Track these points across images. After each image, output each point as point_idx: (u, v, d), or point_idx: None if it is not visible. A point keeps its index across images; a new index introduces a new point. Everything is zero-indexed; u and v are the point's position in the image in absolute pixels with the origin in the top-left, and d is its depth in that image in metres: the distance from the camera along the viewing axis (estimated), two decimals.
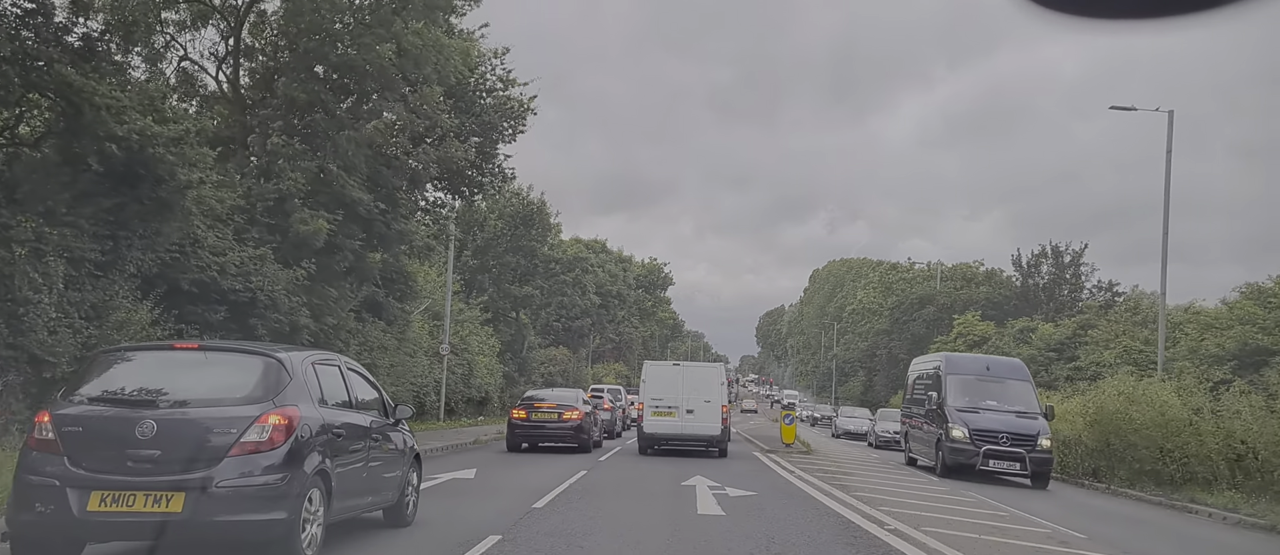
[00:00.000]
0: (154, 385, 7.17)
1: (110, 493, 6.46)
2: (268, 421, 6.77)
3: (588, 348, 72.56)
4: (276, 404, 6.93)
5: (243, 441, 6.66)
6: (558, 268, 50.48)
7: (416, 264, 34.33)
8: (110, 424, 6.76)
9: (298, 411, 7.02)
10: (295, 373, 7.34)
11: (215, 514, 6.49)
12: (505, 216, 45.21)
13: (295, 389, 7.20)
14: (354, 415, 8.27)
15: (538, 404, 22.02)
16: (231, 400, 6.99)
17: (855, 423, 45.74)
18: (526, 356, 51.17)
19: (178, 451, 6.56)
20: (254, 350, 7.94)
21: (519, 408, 22.15)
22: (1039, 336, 44.49)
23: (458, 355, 36.84)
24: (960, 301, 62.27)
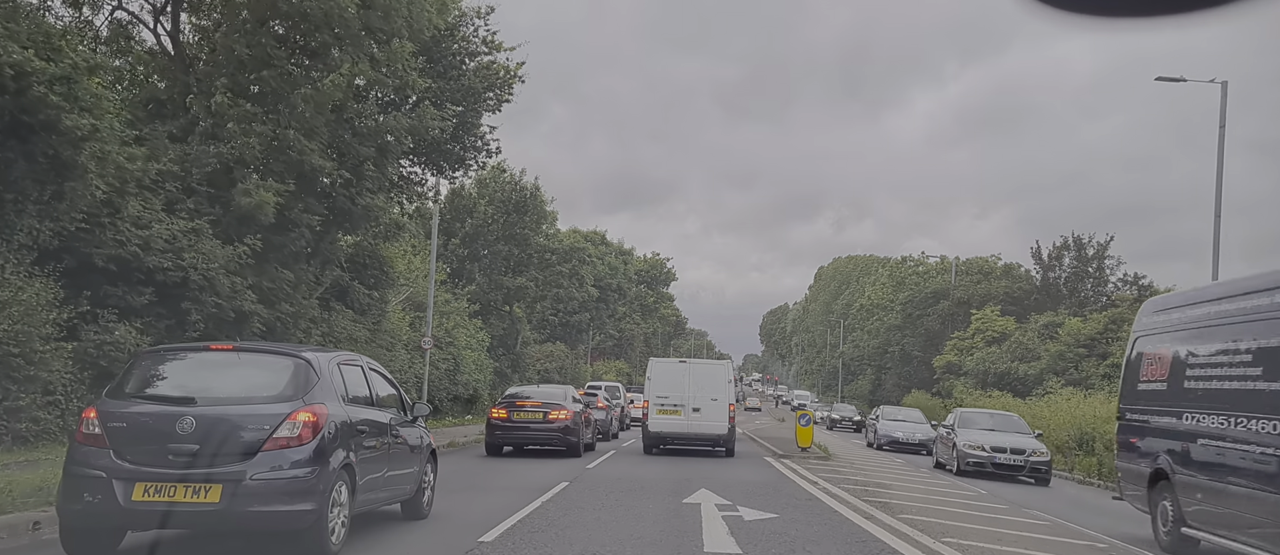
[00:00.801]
0: (192, 384, 7.67)
1: (153, 484, 6.85)
2: (298, 419, 7.15)
3: (587, 344, 69.75)
4: (305, 402, 7.30)
5: (275, 437, 7.05)
6: (554, 259, 47.70)
7: (395, 249, 31.58)
8: (153, 420, 7.18)
9: (325, 409, 7.38)
10: (322, 372, 7.72)
11: (250, 505, 6.86)
12: (495, 202, 42.36)
13: (322, 388, 7.58)
14: (375, 413, 8.63)
15: (521, 402, 19.26)
16: (264, 398, 7.41)
17: (906, 429, 33.02)
18: (520, 352, 48.38)
19: (215, 446, 6.92)
20: (284, 351, 8.44)
21: (499, 406, 19.41)
22: (1067, 332, 41.59)
23: (441, 349, 34.05)
24: (977, 296, 59.34)
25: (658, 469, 17.60)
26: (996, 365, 45.55)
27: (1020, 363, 43.79)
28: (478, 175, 43.06)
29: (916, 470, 22.00)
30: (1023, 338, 45.55)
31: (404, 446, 9.24)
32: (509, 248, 44.25)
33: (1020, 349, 44.75)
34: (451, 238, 41.52)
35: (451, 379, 35.21)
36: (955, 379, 52.40)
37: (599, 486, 13.57)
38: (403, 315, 32.81)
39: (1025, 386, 41.31)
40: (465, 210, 41.84)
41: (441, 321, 34.71)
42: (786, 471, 18.11)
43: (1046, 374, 40.46)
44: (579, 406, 20.16)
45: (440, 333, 34.34)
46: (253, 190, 17.87)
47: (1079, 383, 37.08)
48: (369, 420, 8.28)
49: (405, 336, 31.55)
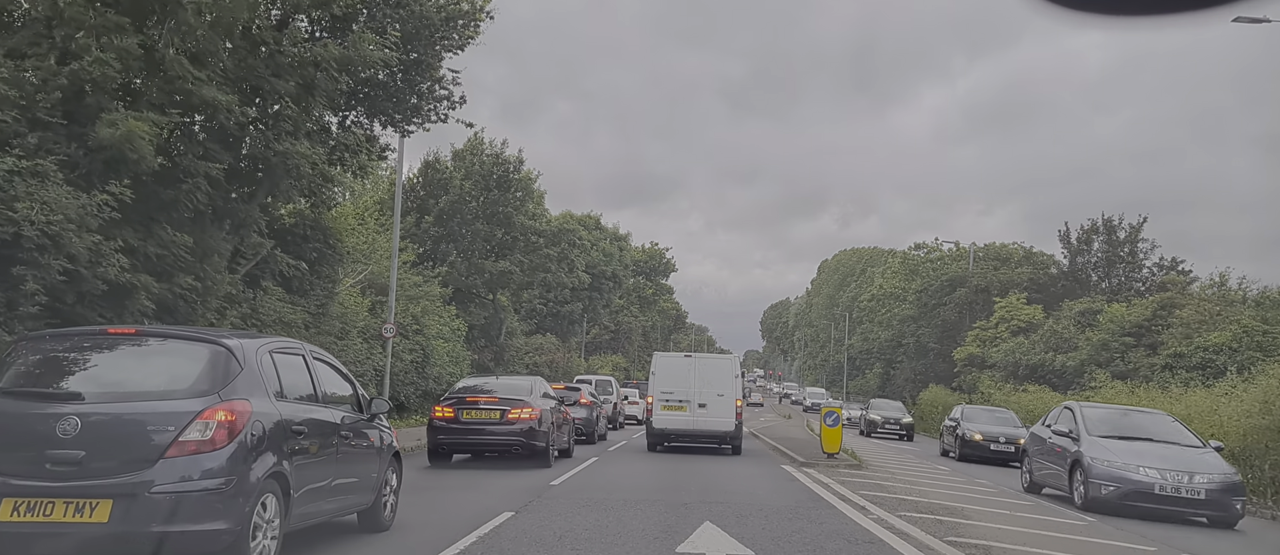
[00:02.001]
0: (80, 376, 6.54)
1: (25, 501, 5.71)
2: (212, 417, 6.01)
3: (580, 336, 65.58)
4: (222, 397, 6.14)
5: (182, 441, 5.89)
6: (542, 241, 43.49)
7: (345, 221, 27.39)
8: (27, 421, 6.06)
9: (248, 406, 6.23)
10: (248, 362, 6.52)
11: (148, 524, 5.70)
12: (473, 175, 38.09)
13: (247, 380, 6.40)
14: (319, 410, 7.43)
15: (473, 399, 15.07)
16: (170, 393, 6.21)
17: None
18: (505, 343, 44.19)
19: (105, 453, 5.82)
20: (200, 337, 7.02)
21: (445, 403, 15.19)
22: (1109, 319, 37.37)
23: (407, 337, 29.88)
24: (998, 283, 55.14)
25: (646, 484, 13.43)
26: (1028, 356, 41.36)
27: (1056, 353, 39.59)
28: (454, 147, 38.99)
29: (970, 482, 17.79)
30: (1057, 326, 41.31)
31: (359, 449, 8.06)
32: (490, 228, 40.04)
33: (1055, 338, 40.54)
34: (424, 215, 37.31)
35: (419, 372, 31.04)
36: (979, 372, 48.22)
37: (554, 521, 9.37)
38: (361, 299, 28.64)
39: (1063, 380, 37.17)
40: (439, 185, 37.62)
41: (407, 307, 30.54)
42: (815, 486, 13.93)
43: (1088, 365, 36.29)
44: (549, 403, 15.98)
45: (406, 319, 30.18)
46: (120, 121, 13.69)
47: (1126, 374, 32.90)
48: (312, 420, 7.12)
49: (362, 323, 27.39)
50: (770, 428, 39.14)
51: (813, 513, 10.68)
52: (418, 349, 30.68)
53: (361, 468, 8.09)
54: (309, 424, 7.02)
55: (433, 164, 37.71)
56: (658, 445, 21.11)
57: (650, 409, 21.06)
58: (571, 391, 23.48)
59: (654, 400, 20.89)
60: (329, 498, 7.47)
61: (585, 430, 23.02)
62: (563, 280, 43.84)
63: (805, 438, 29.09)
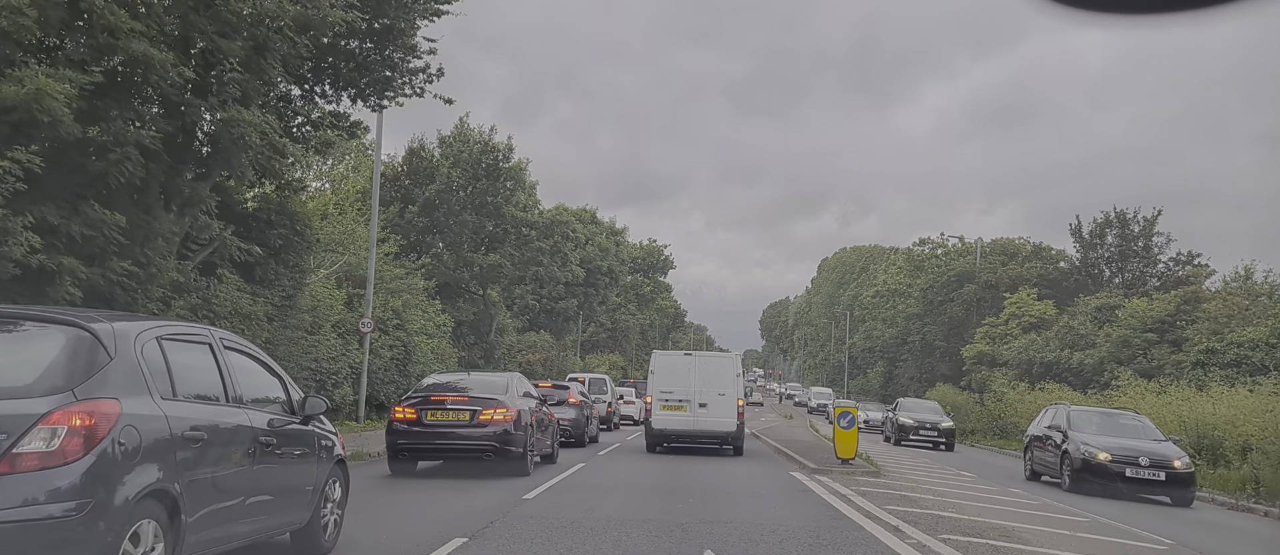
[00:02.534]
0: None
1: None
2: (62, 422, 4.56)
3: (576, 334, 63.72)
4: (80, 396, 4.70)
5: (19, 452, 4.44)
6: (534, 234, 41.58)
7: (326, 207, 25.55)
8: None
9: (116, 406, 4.80)
10: (121, 350, 5.08)
11: None
12: (461, 163, 36.19)
13: (119, 374, 4.98)
14: (230, 412, 5.98)
15: (439, 397, 13.16)
16: (8, 391, 4.68)
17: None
18: (495, 340, 42.31)
19: None
20: (57, 317, 5.32)
21: (407, 403, 13.27)
22: (1129, 314, 35.52)
23: (387, 333, 28.02)
24: (1007, 278, 53.31)
25: (636, 497, 11.57)
26: (1043, 354, 39.49)
27: (1072, 351, 37.74)
28: (440, 133, 37.13)
29: (1009, 493, 15.93)
30: (1073, 322, 39.44)
31: (288, 458, 6.71)
32: (479, 219, 38.14)
33: (1071, 335, 38.68)
34: (409, 205, 35.42)
35: (401, 369, 29.16)
36: (990, 371, 46.37)
37: (522, 548, 7.49)
38: (338, 292, 26.77)
39: (1081, 378, 35.32)
40: (425, 173, 35.72)
41: (387, 301, 28.67)
42: (832, 498, 12.07)
43: (1107, 363, 34.43)
44: (528, 403, 14.10)
45: (386, 314, 28.33)
46: (28, 78, 11.84)
47: (1150, 372, 31.07)
48: (215, 424, 5.66)
49: (337, 316, 25.53)
50: (773, 429, 37.30)
51: (837, 536, 8.81)
52: (399, 345, 28.82)
53: (292, 480, 6.80)
54: (212, 430, 5.64)
55: (418, 151, 35.85)
56: (656, 446, 20.49)
57: (649, 409, 20.42)
58: (558, 390, 21.63)
59: (653, 400, 20.28)
60: (244, 519, 6.12)
61: (573, 432, 21.18)
62: (556, 274, 41.92)
63: (812, 440, 27.27)
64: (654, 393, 20.33)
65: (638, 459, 18.80)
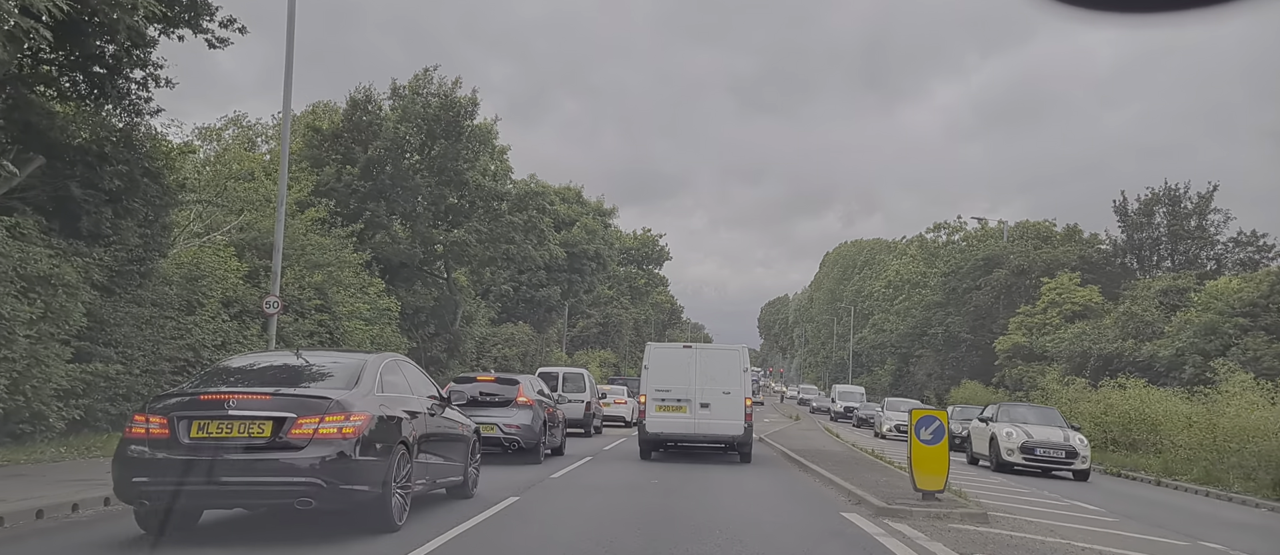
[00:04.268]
0: None
1: None
2: None
3: (560, 326, 57.91)
4: None
5: None
6: (505, 207, 35.80)
7: (178, 144, 19.69)
8: None
9: None
10: None
11: None
12: (412, 119, 30.27)
13: None
14: None
15: (214, 395, 7.13)
16: None
17: None
18: (460, 330, 36.48)
19: None
20: None
21: (154, 410, 7.14)
22: (1210, 297, 29.75)
23: (303, 316, 22.22)
24: (1040, 263, 47.58)
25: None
26: (1099, 345, 33.73)
27: (1137, 341, 31.98)
28: (394, 83, 31.30)
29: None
30: (1135, 309, 33.67)
31: None
32: (439, 187, 32.34)
33: (1133, 323, 32.92)
34: (348, 165, 29.57)
35: None
36: (1027, 365, 40.65)
37: None
38: (235, 263, 20.96)
39: (1153, 372, 29.59)
40: (370, 130, 29.86)
41: (304, 275, 22.86)
42: None
43: (1188, 353, 28.70)
44: (405, 405, 8.23)
45: (303, 292, 22.52)
46: None
47: (1252, 364, 25.35)
48: None
49: (230, 292, 19.77)
50: (784, 434, 31.58)
51: None
52: (322, 331, 22.99)
53: None
54: None
55: (362, 104, 29.98)
56: (651, 452, 18.39)
57: (643, 409, 18.00)
58: (504, 386, 15.83)
59: (647, 399, 17.94)
60: None
61: (526, 443, 15.41)
62: (531, 255, 36.09)
63: (840, 451, 21.57)
64: (649, 391, 17.89)
65: (606, 483, 13.08)
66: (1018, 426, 20.63)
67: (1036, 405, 24.27)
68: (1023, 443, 19.99)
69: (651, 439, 17.92)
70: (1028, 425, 20.80)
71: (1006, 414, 21.97)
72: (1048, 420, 21.18)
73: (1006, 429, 20.59)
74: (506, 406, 15.44)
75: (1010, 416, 21.72)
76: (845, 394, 55.14)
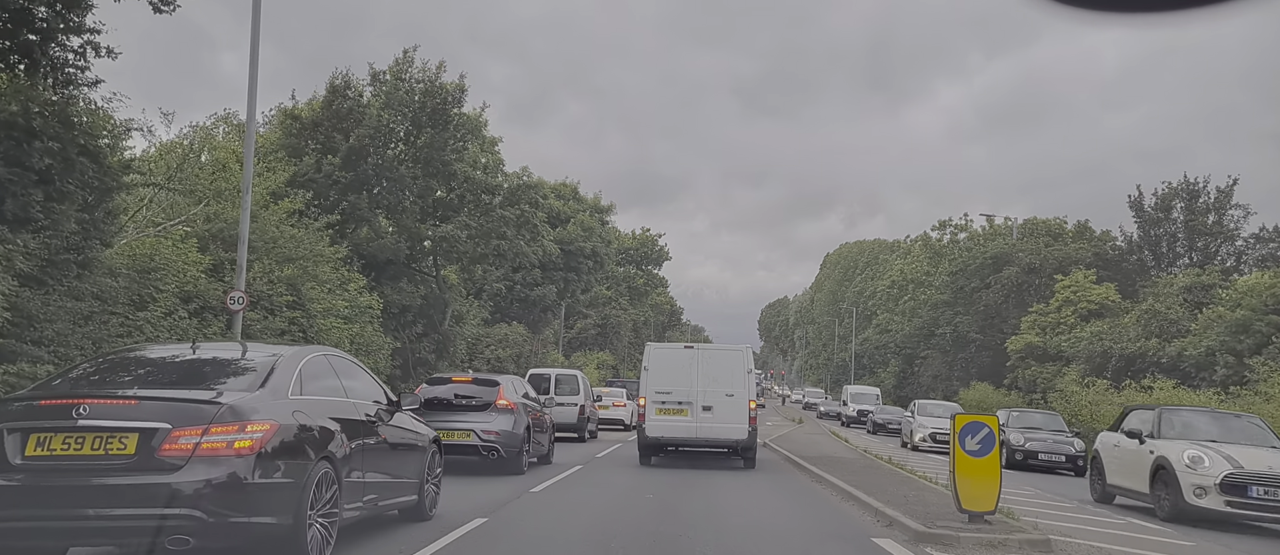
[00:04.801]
0: None
1: None
2: None
3: (557, 326, 56.27)
4: None
5: None
6: (497, 201, 34.17)
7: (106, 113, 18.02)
8: None
9: None
10: None
11: None
12: (395, 105, 28.60)
13: None
14: None
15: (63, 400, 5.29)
16: None
17: None
18: (449, 330, 34.85)
19: None
20: None
21: None
22: (1241, 293, 28.11)
23: (273, 314, 20.58)
24: (1052, 260, 45.94)
25: None
26: (1120, 344, 32.08)
27: (1162, 340, 30.33)
28: (373, 69, 29.67)
29: None
30: (1158, 306, 32.02)
31: None
32: (426, 179, 30.72)
33: (1157, 321, 31.27)
34: (328, 154, 27.94)
35: None
36: (1041, 366, 39.01)
37: None
38: (197, 255, 19.31)
39: (1181, 372, 27.97)
40: (351, 117, 28.23)
41: (273, 269, 21.21)
42: None
43: (1219, 352, 27.05)
44: (317, 424, 6.49)
45: (271, 287, 20.88)
46: None
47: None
48: None
49: (189, 285, 18.14)
50: (788, 439, 29.96)
51: None
52: (294, 329, 21.33)
53: None
54: None
55: (341, 90, 28.32)
56: (651, 457, 17.74)
57: (642, 412, 17.38)
58: (483, 388, 14.20)
59: (647, 402, 17.36)
60: None
61: (506, 452, 13.78)
62: (523, 251, 34.46)
63: (854, 458, 19.93)
64: (648, 393, 17.30)
65: (593, 500, 11.47)
66: (1210, 449, 11.89)
67: (1216, 410, 16.07)
68: (1226, 475, 11.31)
69: (651, 443, 17.31)
70: (1223, 445, 12.19)
71: (1178, 423, 13.52)
72: (1249, 436, 12.84)
73: (1194, 453, 11.82)
74: (485, 411, 13.82)
75: (1184, 428, 13.29)
76: (858, 396, 48.35)
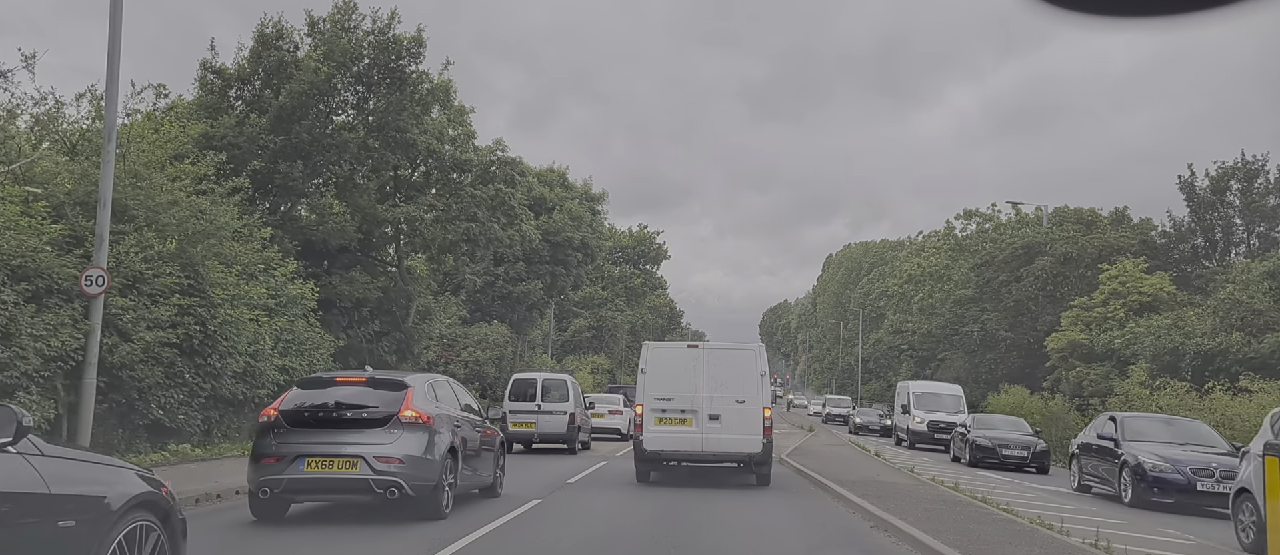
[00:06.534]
0: None
1: None
2: None
3: (544, 327, 51.67)
4: None
5: None
6: (468, 180, 29.65)
7: None
8: None
9: None
10: None
11: None
12: (337, 58, 23.96)
13: None
14: None
15: None
16: None
17: None
18: (413, 328, 30.30)
19: None
20: None
21: None
22: None
23: (157, 302, 16.00)
24: (1092, 250, 41.38)
25: None
26: (1194, 340, 27.47)
27: (1249, 334, 25.74)
28: (310, 15, 25.09)
29: None
30: (1239, 295, 27.44)
31: None
32: (382, 150, 26.17)
33: (1238, 312, 26.69)
34: (254, 113, 23.35)
35: (197, 366, 17.09)
36: (1087, 366, 34.41)
37: None
38: (42, 224, 14.68)
39: (1271, 370, 23.44)
40: (282, 73, 23.64)
41: (151, 244, 16.56)
42: None
43: None
44: None
45: (150, 265, 16.27)
46: None
47: None
48: None
49: (25, 260, 13.58)
50: (806, 450, 25.45)
51: None
52: (187, 320, 16.71)
53: None
54: None
55: (272, 40, 23.75)
56: (650, 473, 15.78)
57: (639, 421, 15.38)
58: (380, 392, 9.59)
59: (644, 410, 15.35)
60: None
61: (415, 487, 9.21)
62: (497, 235, 29.95)
63: (906, 482, 15.39)
64: (646, 400, 15.35)
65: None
66: None
67: None
68: None
69: (650, 458, 15.18)
70: None
71: None
72: None
73: None
74: (381, 427, 9.24)
75: None
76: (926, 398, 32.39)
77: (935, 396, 32.71)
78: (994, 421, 25.51)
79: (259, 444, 9.23)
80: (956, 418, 29.01)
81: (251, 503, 9.20)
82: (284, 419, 9.17)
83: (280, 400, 9.56)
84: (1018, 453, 23.00)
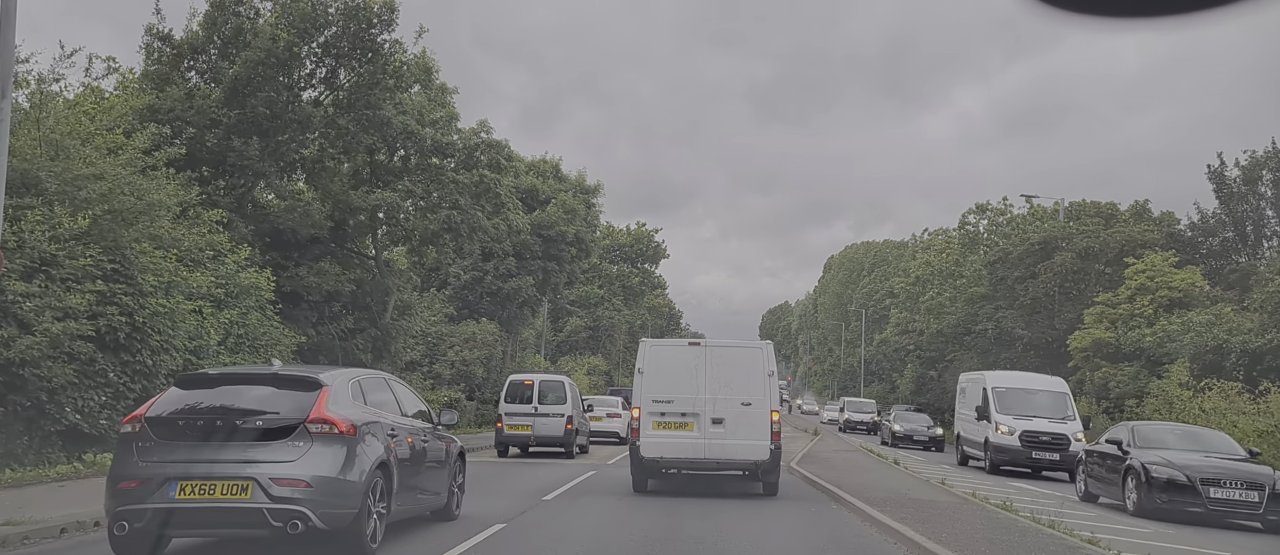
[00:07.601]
0: None
1: None
2: None
3: (537, 326, 49.35)
4: None
5: None
6: (452, 165, 27.42)
7: None
8: None
9: None
10: None
11: None
12: (298, 25, 21.55)
13: None
14: None
15: None
16: None
17: None
18: (391, 324, 28.00)
19: None
20: None
21: None
22: None
23: (67, 287, 13.73)
24: (1114, 244, 39.13)
25: None
26: (1239, 337, 25.21)
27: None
28: None
29: None
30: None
31: None
32: (357, 128, 23.92)
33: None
34: (206, 80, 21.06)
35: (125, 364, 14.79)
36: (1113, 367, 32.17)
37: None
38: None
39: None
40: (240, 39, 21.34)
41: (60, 222, 14.25)
42: None
43: None
44: None
45: (62, 246, 13.99)
46: None
47: None
48: None
49: None
50: (814, 457, 23.24)
51: None
52: (109, 310, 14.42)
53: None
54: None
55: (230, 5, 21.46)
56: (647, 482, 14.35)
57: (636, 426, 13.94)
58: (284, 394, 7.28)
59: (641, 413, 13.91)
60: None
61: (328, 518, 6.92)
62: (481, 224, 27.70)
63: (943, 499, 13.16)
64: (643, 402, 13.98)
65: None
66: None
67: None
68: None
69: (648, 465, 14.04)
70: None
71: None
72: None
73: None
74: (283, 440, 6.94)
75: None
76: (1014, 397, 22.83)
77: (1026, 394, 22.96)
78: (1173, 437, 15.20)
79: (117, 463, 6.96)
80: (1065, 428, 21.35)
81: (111, 541, 6.90)
82: (151, 429, 6.90)
83: (150, 404, 7.27)
84: (1243, 494, 13.10)
